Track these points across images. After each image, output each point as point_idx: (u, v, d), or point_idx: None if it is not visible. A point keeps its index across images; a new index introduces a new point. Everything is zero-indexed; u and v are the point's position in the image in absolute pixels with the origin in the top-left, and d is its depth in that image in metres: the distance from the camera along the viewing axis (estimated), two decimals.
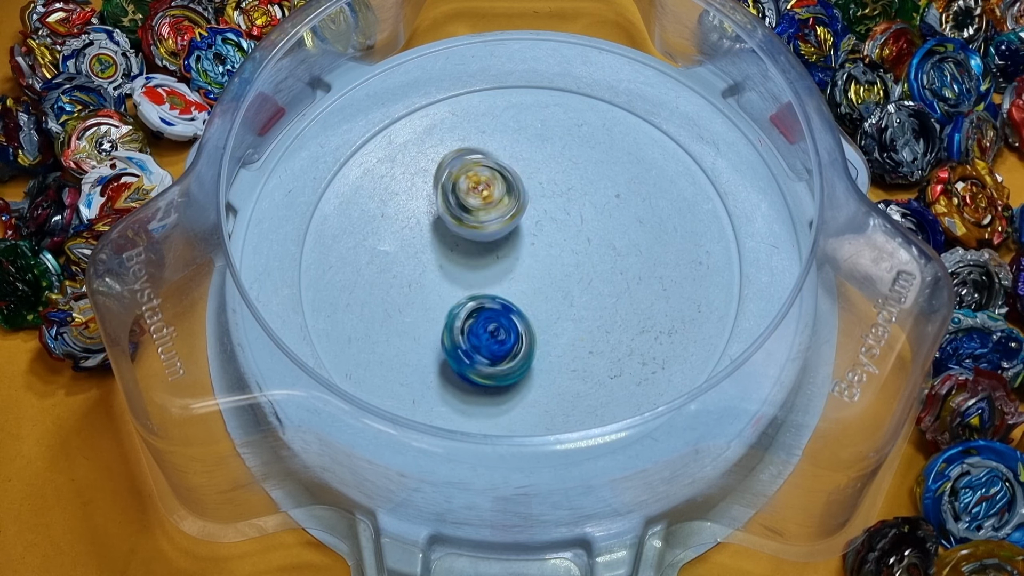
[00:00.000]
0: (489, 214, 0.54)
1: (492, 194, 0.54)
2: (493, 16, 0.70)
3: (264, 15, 0.69)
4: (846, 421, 0.46)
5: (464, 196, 0.54)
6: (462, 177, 0.54)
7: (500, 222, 0.54)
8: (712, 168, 0.58)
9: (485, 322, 0.50)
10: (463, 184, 0.54)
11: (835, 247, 0.51)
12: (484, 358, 0.50)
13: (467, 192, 0.54)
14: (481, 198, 0.54)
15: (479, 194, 0.54)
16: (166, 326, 0.49)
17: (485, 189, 0.54)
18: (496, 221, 0.54)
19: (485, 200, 0.54)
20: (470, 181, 0.54)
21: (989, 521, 0.52)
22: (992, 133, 0.63)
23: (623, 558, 0.49)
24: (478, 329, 0.50)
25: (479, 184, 0.54)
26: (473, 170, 0.54)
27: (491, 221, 0.54)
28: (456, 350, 0.50)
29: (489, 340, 0.50)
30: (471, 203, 0.54)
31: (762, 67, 0.56)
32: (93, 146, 0.63)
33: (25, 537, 0.53)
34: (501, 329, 0.50)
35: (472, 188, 0.54)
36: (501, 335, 0.50)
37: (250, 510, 0.52)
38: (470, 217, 0.54)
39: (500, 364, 0.50)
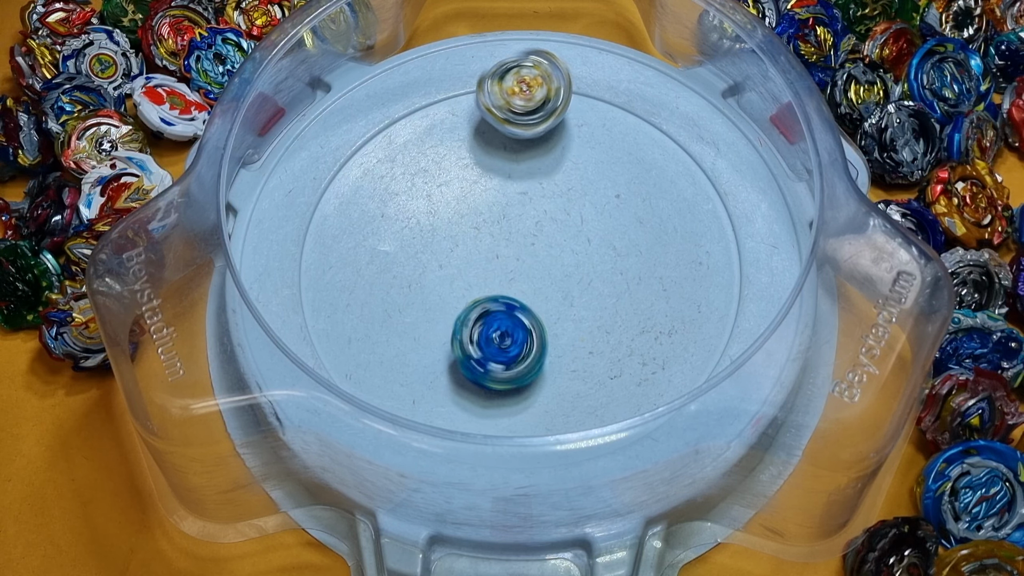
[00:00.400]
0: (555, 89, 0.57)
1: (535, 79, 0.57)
2: (493, 16, 0.70)
3: (264, 15, 0.69)
4: (846, 421, 0.46)
5: (531, 104, 0.57)
6: (511, 99, 0.57)
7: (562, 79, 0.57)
8: (712, 168, 0.58)
9: (491, 327, 0.50)
10: (518, 102, 0.57)
11: (835, 247, 0.51)
12: (498, 364, 0.50)
13: (526, 102, 0.56)
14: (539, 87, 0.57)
15: (535, 88, 0.56)
16: (166, 326, 0.49)
17: (527, 84, 0.56)
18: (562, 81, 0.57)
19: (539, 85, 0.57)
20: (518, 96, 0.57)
21: (989, 521, 0.52)
22: (992, 133, 0.63)
23: (623, 558, 0.49)
24: (486, 335, 0.50)
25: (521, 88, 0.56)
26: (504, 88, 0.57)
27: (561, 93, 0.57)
28: (468, 361, 0.50)
29: (498, 346, 0.50)
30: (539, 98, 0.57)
31: (762, 67, 0.56)
32: (93, 146, 0.63)
33: (25, 537, 0.53)
34: (508, 334, 0.50)
35: (524, 95, 0.56)
36: (507, 341, 0.50)
37: (250, 510, 0.52)
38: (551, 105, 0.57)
39: (514, 367, 0.50)
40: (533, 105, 0.57)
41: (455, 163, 0.59)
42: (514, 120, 0.57)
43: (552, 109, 0.57)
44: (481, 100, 0.57)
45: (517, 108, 0.57)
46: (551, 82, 0.57)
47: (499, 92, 0.57)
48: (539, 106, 0.57)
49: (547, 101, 0.57)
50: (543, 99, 0.57)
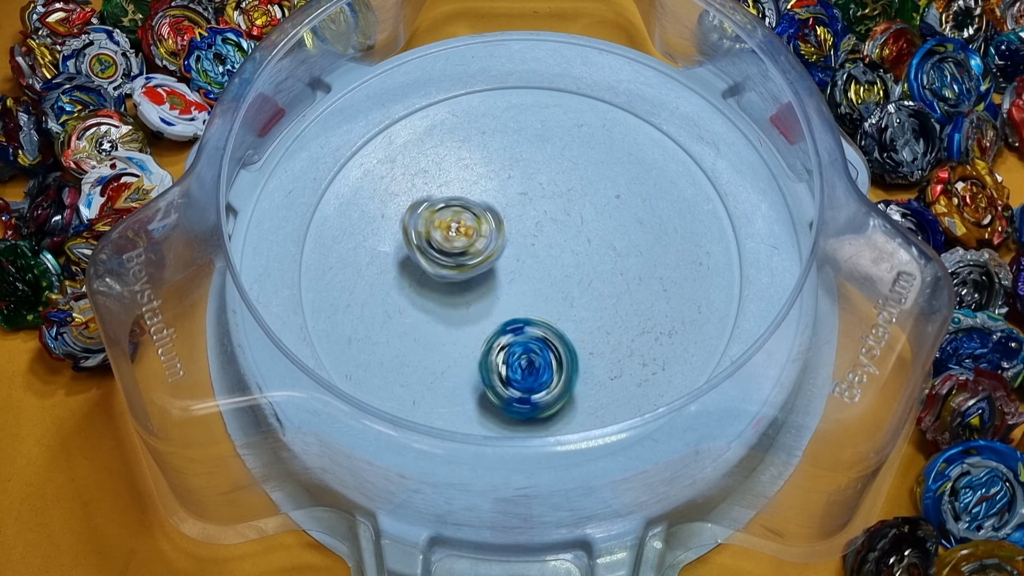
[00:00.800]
0: (482, 242, 0.53)
1: (467, 226, 0.53)
2: (493, 16, 0.70)
3: (264, 15, 0.69)
4: (846, 422, 0.46)
5: (446, 245, 0.53)
6: (431, 231, 0.53)
7: (496, 240, 0.53)
8: (712, 169, 0.58)
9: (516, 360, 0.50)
10: (438, 236, 0.53)
11: (835, 248, 0.51)
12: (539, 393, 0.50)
13: (446, 240, 0.53)
14: (463, 235, 0.53)
15: (459, 234, 0.53)
16: (166, 327, 0.49)
17: (459, 226, 0.53)
18: (492, 242, 0.53)
19: (467, 235, 0.53)
20: (441, 230, 0.53)
21: (989, 521, 0.52)
22: (992, 133, 0.63)
23: (623, 559, 0.49)
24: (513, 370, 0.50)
25: (449, 227, 0.53)
26: (435, 219, 0.53)
27: (489, 246, 0.53)
28: (511, 404, 0.50)
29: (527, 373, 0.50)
30: (457, 246, 0.53)
31: (762, 67, 0.56)
32: (93, 146, 0.63)
33: (25, 537, 0.53)
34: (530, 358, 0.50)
35: (447, 233, 0.53)
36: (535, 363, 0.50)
37: (250, 512, 0.52)
38: (467, 257, 0.53)
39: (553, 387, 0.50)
40: (449, 248, 0.53)
41: (455, 164, 0.59)
42: (425, 251, 0.53)
43: (464, 263, 0.53)
44: (404, 219, 0.54)
45: (434, 242, 0.53)
46: (480, 238, 0.53)
47: (427, 219, 0.53)
48: (456, 252, 0.53)
49: (464, 253, 0.53)
50: (462, 249, 0.53)
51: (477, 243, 0.53)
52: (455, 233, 0.53)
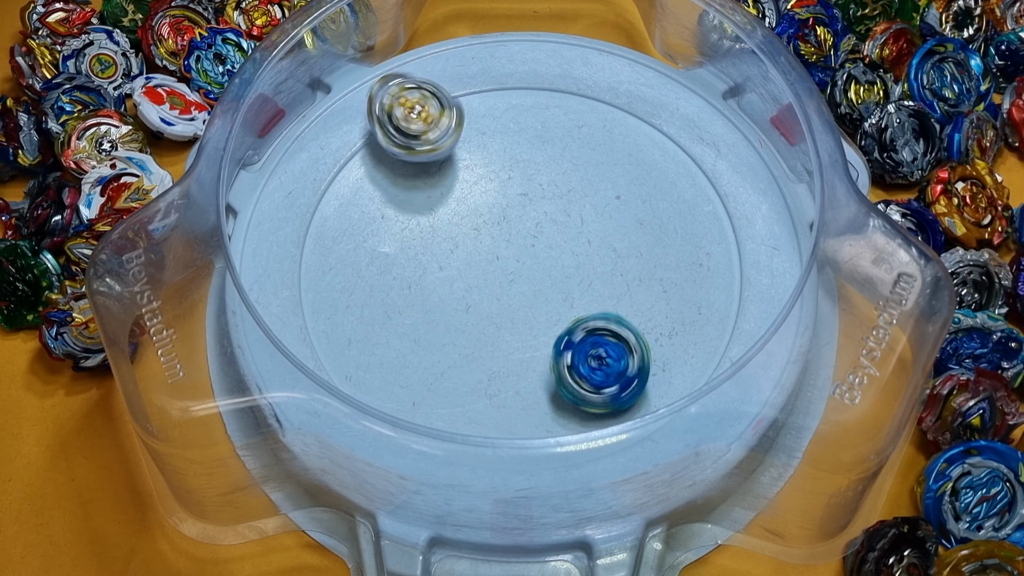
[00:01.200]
0: (435, 133, 0.56)
1: (429, 113, 0.55)
2: (493, 17, 0.70)
3: (264, 15, 0.69)
4: (847, 423, 0.46)
5: (403, 124, 0.55)
6: (395, 107, 0.55)
7: (450, 137, 0.56)
8: (712, 170, 0.58)
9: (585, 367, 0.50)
10: (399, 113, 0.55)
11: (836, 249, 0.51)
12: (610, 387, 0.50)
13: (405, 119, 0.55)
14: (421, 120, 0.55)
15: (418, 118, 0.55)
16: (166, 328, 0.49)
17: (421, 111, 0.55)
18: (446, 137, 0.56)
19: (425, 121, 0.55)
20: (404, 108, 0.55)
21: (990, 521, 0.52)
22: (992, 133, 0.63)
23: (623, 560, 0.49)
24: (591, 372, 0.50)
25: (413, 108, 0.55)
26: (402, 96, 0.56)
27: (441, 139, 0.56)
28: (619, 398, 0.50)
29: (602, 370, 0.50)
30: (413, 129, 0.55)
31: (762, 68, 0.56)
32: (93, 146, 0.63)
33: (25, 537, 0.53)
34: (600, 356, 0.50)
35: (408, 113, 0.55)
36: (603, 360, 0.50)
37: (250, 512, 0.52)
38: (418, 142, 0.55)
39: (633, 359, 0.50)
40: (403, 127, 0.56)
41: (455, 164, 0.59)
42: (382, 122, 0.56)
43: (411, 146, 0.56)
44: (373, 88, 0.57)
45: (393, 117, 0.56)
46: (435, 129, 0.56)
47: (395, 95, 0.56)
48: (409, 134, 0.56)
49: (415, 137, 0.56)
50: (415, 133, 0.56)
51: (431, 133, 0.55)
52: (415, 116, 0.55)
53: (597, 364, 0.50)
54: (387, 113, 0.55)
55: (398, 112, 0.55)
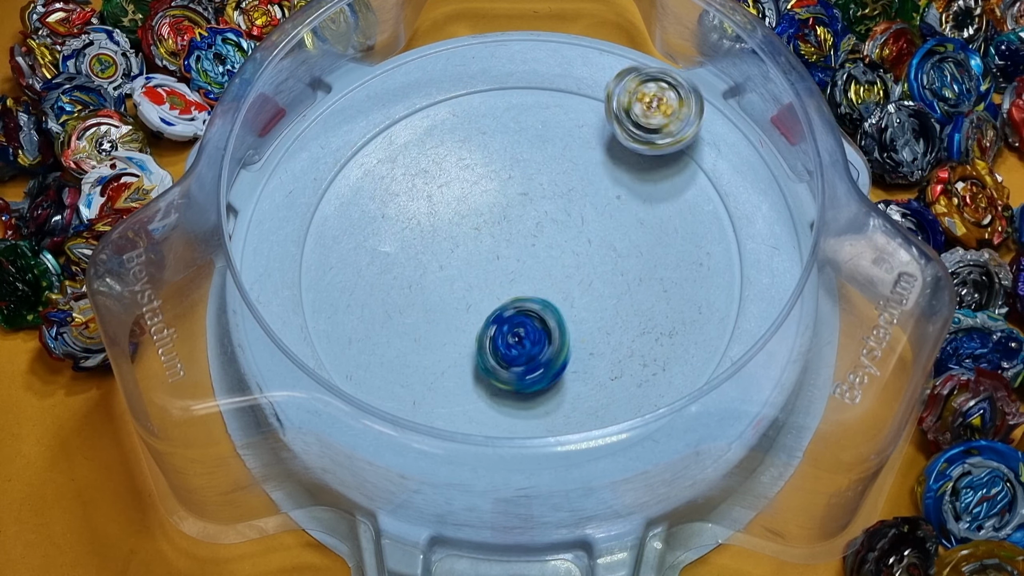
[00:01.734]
0: (677, 125, 0.55)
1: (669, 105, 0.54)
2: (493, 17, 0.70)
3: (264, 15, 0.69)
4: (847, 423, 0.46)
5: (643, 119, 0.54)
6: (633, 102, 0.55)
7: (692, 127, 0.55)
8: (713, 169, 0.58)
9: (504, 341, 0.51)
10: (638, 109, 0.54)
11: (836, 248, 0.51)
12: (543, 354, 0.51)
13: (644, 115, 0.54)
14: (661, 113, 0.54)
15: (658, 111, 0.54)
16: (166, 327, 0.49)
17: (659, 103, 0.54)
18: (688, 127, 0.55)
19: (665, 114, 0.54)
20: (642, 103, 0.54)
21: (990, 521, 0.52)
22: (992, 133, 0.63)
23: (624, 560, 0.49)
24: (508, 349, 0.51)
25: (651, 102, 0.54)
26: (639, 90, 0.55)
27: (683, 130, 0.55)
28: (524, 379, 0.51)
29: (520, 349, 0.51)
30: (654, 123, 0.54)
31: (763, 68, 0.56)
32: (93, 146, 0.63)
33: (25, 537, 0.53)
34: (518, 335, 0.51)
35: (647, 108, 0.54)
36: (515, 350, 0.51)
37: (250, 511, 0.52)
38: (659, 136, 0.55)
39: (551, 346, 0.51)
40: (644, 123, 0.55)
41: (455, 164, 0.59)
42: (621, 120, 0.56)
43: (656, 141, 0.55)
44: (609, 86, 0.56)
45: (632, 114, 0.55)
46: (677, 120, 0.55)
47: (631, 90, 0.56)
48: (651, 128, 0.56)
49: (658, 131, 0.55)
50: (657, 127, 0.55)
51: (672, 124, 0.54)
52: (655, 109, 0.54)
53: (515, 341, 0.50)
54: (625, 110, 0.55)
55: (637, 108, 0.54)
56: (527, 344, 0.50)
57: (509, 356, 0.50)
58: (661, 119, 0.55)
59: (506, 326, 0.51)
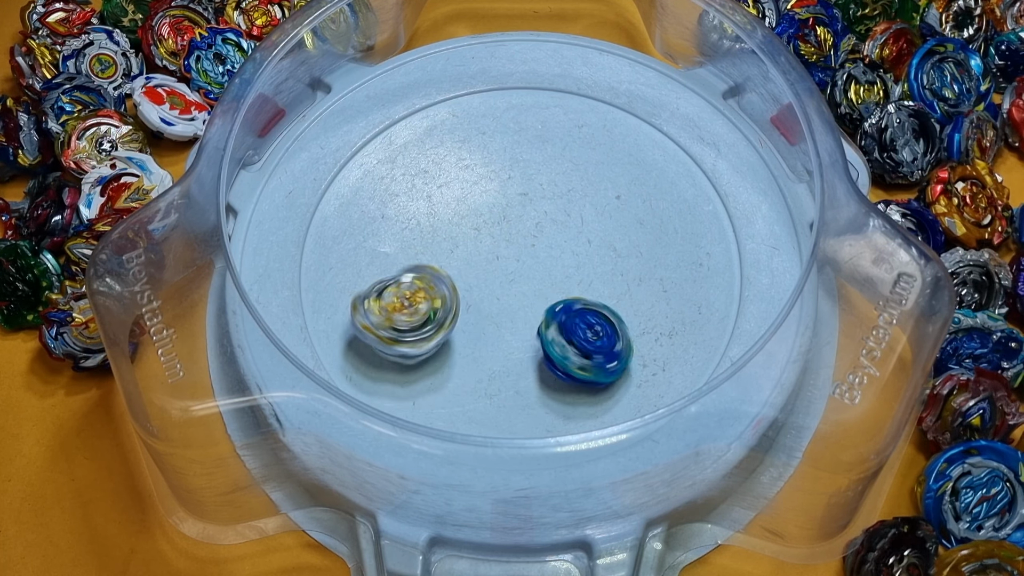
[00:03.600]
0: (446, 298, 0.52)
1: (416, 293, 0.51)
2: (493, 17, 0.70)
3: (264, 15, 0.69)
4: (847, 423, 0.46)
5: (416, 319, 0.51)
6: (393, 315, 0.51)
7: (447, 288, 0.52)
8: (713, 170, 0.58)
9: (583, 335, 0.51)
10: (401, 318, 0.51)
11: (836, 248, 0.51)
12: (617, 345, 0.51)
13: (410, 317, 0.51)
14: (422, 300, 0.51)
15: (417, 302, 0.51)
16: (166, 327, 0.49)
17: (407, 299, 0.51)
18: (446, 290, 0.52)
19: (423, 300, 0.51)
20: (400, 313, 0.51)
21: (990, 521, 0.52)
22: (992, 133, 0.63)
23: (623, 560, 0.49)
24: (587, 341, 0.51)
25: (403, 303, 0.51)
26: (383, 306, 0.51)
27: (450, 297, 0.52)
28: (604, 368, 0.51)
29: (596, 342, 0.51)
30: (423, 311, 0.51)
31: (762, 68, 0.56)
32: (93, 146, 0.63)
33: (25, 537, 0.53)
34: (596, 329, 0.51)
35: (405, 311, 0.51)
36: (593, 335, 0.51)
37: (250, 512, 0.52)
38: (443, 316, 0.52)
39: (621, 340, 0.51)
40: (419, 320, 0.51)
41: (455, 164, 0.59)
42: (400, 339, 0.51)
43: (440, 321, 0.51)
44: (358, 321, 0.51)
45: (401, 325, 0.51)
46: (435, 293, 0.51)
47: (378, 310, 0.51)
48: (424, 321, 0.51)
49: (434, 314, 0.51)
50: (427, 312, 0.51)
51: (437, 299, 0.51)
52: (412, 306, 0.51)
53: (594, 337, 0.51)
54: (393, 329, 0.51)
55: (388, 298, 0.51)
56: (603, 337, 0.51)
57: (592, 347, 0.50)
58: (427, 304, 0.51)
59: (578, 319, 0.51)
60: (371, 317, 0.51)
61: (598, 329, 0.51)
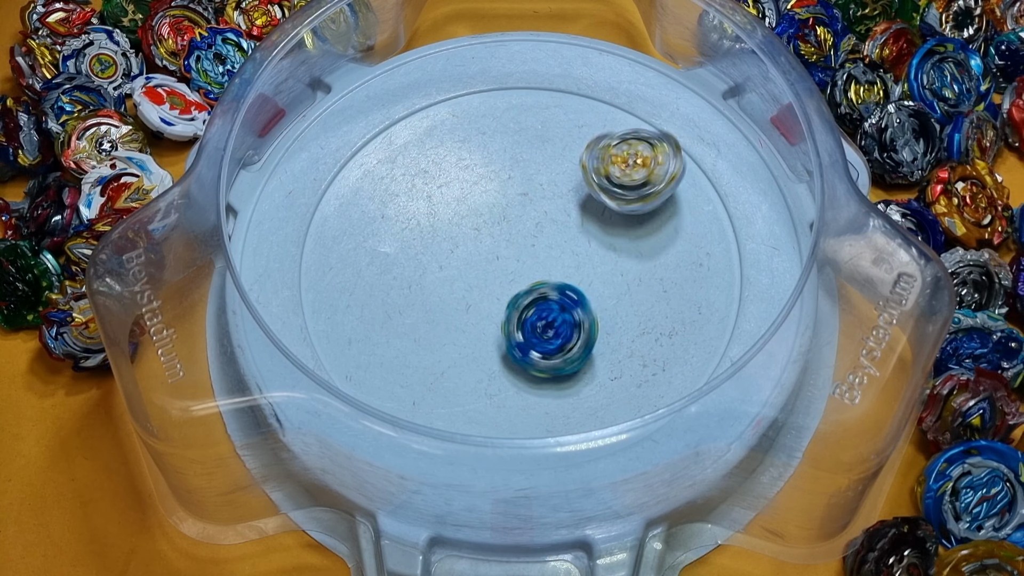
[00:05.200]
0: (660, 170, 0.54)
1: (644, 155, 0.53)
2: (493, 17, 0.70)
3: (264, 15, 0.69)
4: (847, 423, 0.46)
5: (629, 179, 0.54)
6: (610, 167, 0.54)
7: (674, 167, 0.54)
8: (713, 170, 0.58)
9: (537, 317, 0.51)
10: (616, 171, 0.54)
11: (836, 249, 0.51)
12: (537, 353, 0.51)
13: (625, 174, 0.54)
14: (641, 166, 0.53)
15: (637, 165, 0.53)
16: (166, 328, 0.49)
17: (635, 159, 0.53)
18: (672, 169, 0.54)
19: (645, 165, 0.53)
20: (618, 165, 0.54)
21: (990, 521, 0.52)
22: (992, 133, 0.63)
23: (623, 560, 0.49)
24: (530, 324, 0.51)
25: (626, 160, 0.53)
26: (612, 155, 0.54)
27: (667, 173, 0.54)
28: (511, 343, 0.51)
29: (541, 337, 0.51)
30: (638, 178, 0.54)
31: (762, 68, 0.56)
32: (93, 146, 0.63)
33: (25, 537, 0.53)
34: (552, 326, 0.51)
35: (625, 167, 0.53)
36: (549, 333, 0.51)
37: (250, 512, 0.52)
38: (650, 187, 0.54)
39: (555, 358, 0.51)
40: (629, 182, 0.54)
41: (455, 164, 0.59)
42: (607, 189, 0.54)
43: (647, 193, 0.54)
44: (583, 157, 0.55)
45: (613, 178, 0.54)
46: (658, 166, 0.54)
47: (603, 157, 0.54)
48: (637, 185, 0.54)
49: (646, 184, 0.54)
50: (642, 180, 0.54)
51: (656, 171, 0.54)
52: (632, 167, 0.53)
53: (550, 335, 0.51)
54: (605, 177, 0.54)
55: (615, 171, 0.54)
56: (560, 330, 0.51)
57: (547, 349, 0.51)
58: (643, 172, 0.54)
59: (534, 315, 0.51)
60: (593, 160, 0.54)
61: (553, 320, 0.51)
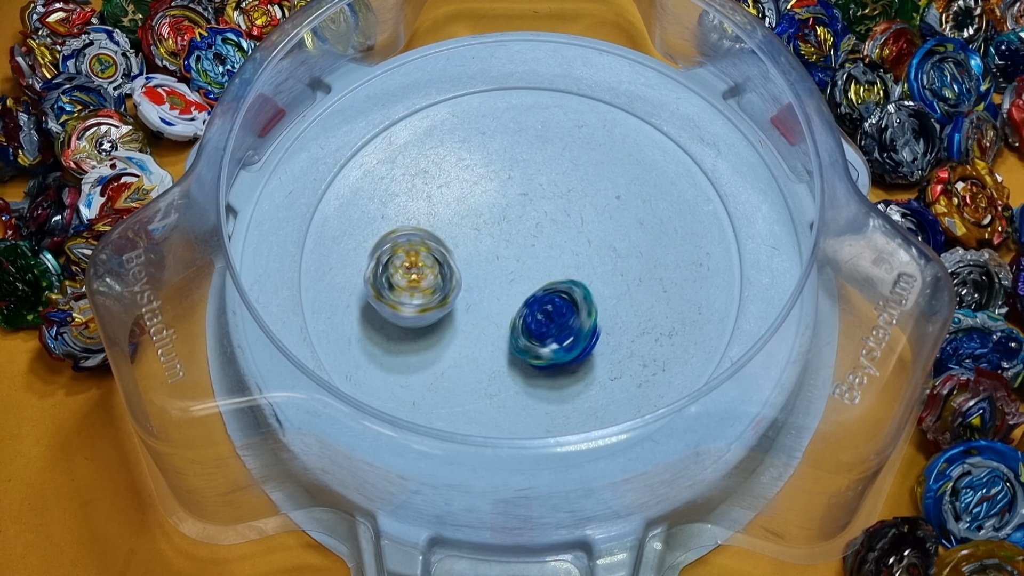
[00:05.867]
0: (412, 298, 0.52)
1: (421, 282, 0.52)
2: (493, 17, 0.70)
3: (264, 15, 0.69)
4: (847, 423, 0.46)
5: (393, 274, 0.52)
6: (399, 251, 0.52)
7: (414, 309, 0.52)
8: (713, 170, 0.58)
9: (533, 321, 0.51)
10: (397, 260, 0.52)
11: (836, 249, 0.51)
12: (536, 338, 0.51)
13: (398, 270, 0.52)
14: (408, 281, 0.52)
15: (408, 275, 0.52)
16: (166, 328, 0.49)
17: (416, 273, 0.52)
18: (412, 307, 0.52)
19: (411, 284, 0.52)
20: (407, 259, 0.52)
21: (990, 521, 0.52)
22: (992, 133, 0.63)
23: (623, 560, 0.49)
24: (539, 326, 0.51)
25: (412, 267, 0.52)
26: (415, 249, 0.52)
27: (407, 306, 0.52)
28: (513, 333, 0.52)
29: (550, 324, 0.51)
30: (397, 282, 0.52)
31: (762, 68, 0.56)
32: (93, 146, 0.63)
33: (25, 537, 0.53)
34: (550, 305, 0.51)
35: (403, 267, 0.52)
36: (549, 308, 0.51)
37: (250, 512, 0.52)
38: (391, 296, 0.52)
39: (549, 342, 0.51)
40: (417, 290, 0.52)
41: (455, 164, 0.59)
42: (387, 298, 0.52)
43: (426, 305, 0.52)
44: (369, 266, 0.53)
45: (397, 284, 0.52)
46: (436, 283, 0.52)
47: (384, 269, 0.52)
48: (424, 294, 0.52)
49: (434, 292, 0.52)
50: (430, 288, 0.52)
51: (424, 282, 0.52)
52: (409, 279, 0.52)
53: (543, 318, 0.51)
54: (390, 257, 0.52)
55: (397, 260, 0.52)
56: (555, 317, 0.51)
57: (540, 332, 0.51)
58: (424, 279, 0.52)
59: (536, 305, 0.51)
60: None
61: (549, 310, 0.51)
